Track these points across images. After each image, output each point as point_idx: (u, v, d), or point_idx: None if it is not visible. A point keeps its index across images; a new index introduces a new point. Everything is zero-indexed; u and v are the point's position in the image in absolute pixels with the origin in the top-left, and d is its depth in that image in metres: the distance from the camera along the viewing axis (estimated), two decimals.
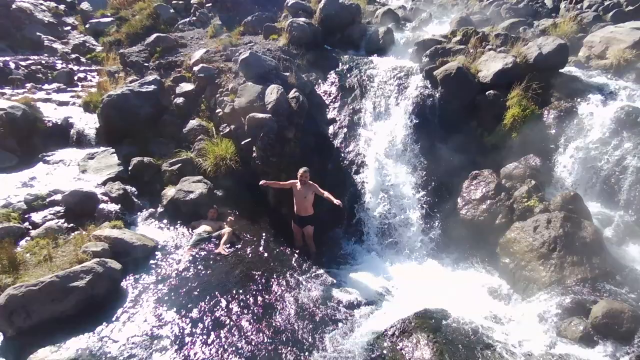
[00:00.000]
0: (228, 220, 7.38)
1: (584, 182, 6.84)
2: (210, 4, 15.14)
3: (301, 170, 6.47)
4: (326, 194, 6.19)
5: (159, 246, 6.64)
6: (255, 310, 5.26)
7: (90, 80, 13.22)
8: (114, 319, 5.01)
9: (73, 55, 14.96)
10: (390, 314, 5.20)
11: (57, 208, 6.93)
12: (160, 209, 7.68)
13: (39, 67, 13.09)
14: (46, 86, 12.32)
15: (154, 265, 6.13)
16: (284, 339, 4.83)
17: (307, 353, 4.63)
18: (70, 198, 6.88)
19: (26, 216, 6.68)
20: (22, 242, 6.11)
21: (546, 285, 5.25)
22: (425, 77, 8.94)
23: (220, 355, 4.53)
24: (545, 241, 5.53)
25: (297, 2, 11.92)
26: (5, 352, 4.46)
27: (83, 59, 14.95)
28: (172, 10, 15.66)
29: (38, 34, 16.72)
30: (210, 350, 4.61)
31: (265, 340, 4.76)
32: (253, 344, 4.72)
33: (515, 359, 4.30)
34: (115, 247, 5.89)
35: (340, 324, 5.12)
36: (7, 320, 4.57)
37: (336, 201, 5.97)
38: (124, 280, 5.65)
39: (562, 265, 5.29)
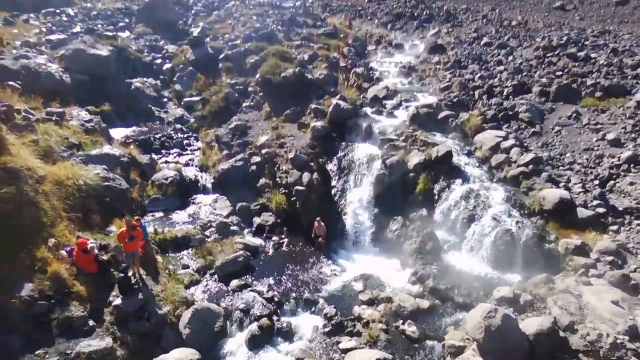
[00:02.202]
0: (284, 231, 16.35)
1: (445, 221, 15.54)
2: (262, 93, 24.13)
3: (317, 219, 15.43)
4: (323, 235, 15.23)
5: (259, 246, 15.63)
6: (294, 267, 14.24)
7: (193, 145, 22.32)
8: (252, 271, 14.00)
9: (178, 126, 24.15)
10: (350, 274, 14.10)
11: (213, 228, 16.02)
12: (253, 229, 16.68)
13: (165, 138, 22.26)
14: (172, 151, 21.46)
15: (259, 252, 15.14)
16: (305, 278, 13.77)
17: (313, 286, 13.52)
18: (219, 224, 15.95)
19: (203, 232, 15.77)
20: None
21: (410, 265, 14.04)
22: (382, 162, 17.67)
23: (284, 283, 13.48)
24: (413, 248, 14.32)
25: (316, 107, 20.77)
26: (218, 282, 13.52)
27: (184, 128, 24.12)
28: (236, 95, 24.72)
29: (149, 105, 25.96)
30: (279, 281, 13.57)
31: (299, 278, 13.71)
32: (294, 279, 13.70)
33: (387, 289, 13.15)
34: (245, 245, 14.89)
35: (328, 277, 14.04)
36: (219, 271, 13.61)
37: (322, 240, 15.18)
38: (252, 258, 14.64)
39: (417, 256, 14.06)
